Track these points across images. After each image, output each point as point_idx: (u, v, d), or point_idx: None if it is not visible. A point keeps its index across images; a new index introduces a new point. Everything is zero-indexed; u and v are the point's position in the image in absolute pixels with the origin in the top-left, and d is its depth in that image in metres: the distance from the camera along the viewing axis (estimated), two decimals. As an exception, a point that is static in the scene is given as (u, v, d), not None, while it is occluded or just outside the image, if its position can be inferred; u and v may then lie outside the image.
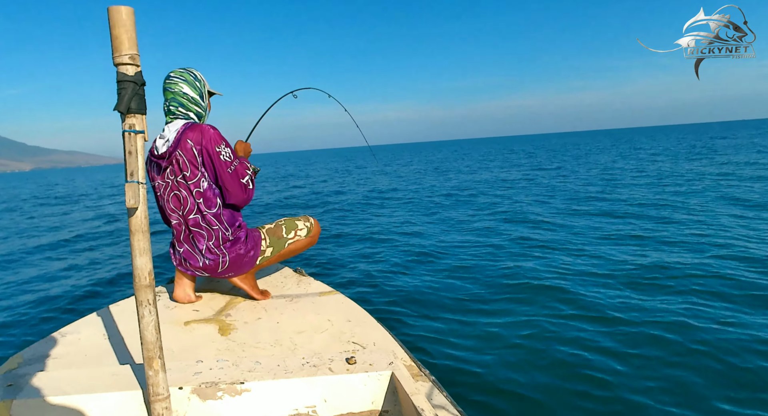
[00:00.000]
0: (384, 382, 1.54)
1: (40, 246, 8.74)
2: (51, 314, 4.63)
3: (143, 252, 1.28)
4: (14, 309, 4.87)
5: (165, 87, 2.28)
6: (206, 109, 2.40)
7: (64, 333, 2.07)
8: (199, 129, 2.20)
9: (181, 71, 2.30)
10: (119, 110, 1.21)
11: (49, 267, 6.82)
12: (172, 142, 2.18)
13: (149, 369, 1.32)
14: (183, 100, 2.27)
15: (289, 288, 2.66)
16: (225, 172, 2.23)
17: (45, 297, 5.26)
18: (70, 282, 5.91)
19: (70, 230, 10.65)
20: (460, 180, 17.46)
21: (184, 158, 2.18)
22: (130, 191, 1.21)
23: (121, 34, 1.18)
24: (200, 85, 2.33)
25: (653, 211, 8.35)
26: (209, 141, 2.18)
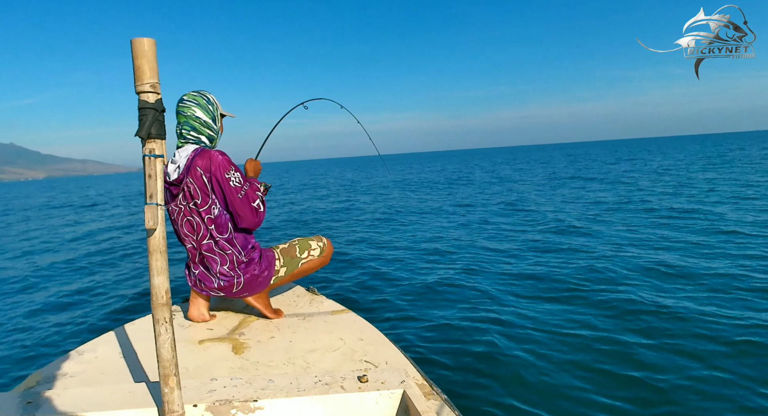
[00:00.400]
0: (396, 400, 1.56)
1: (54, 263, 8.86)
2: (68, 333, 4.69)
3: (161, 271, 1.32)
4: (32, 327, 4.94)
5: (178, 110, 2.30)
6: (218, 131, 2.42)
7: (81, 352, 2.11)
8: (208, 156, 2.21)
9: (194, 95, 2.31)
10: (140, 136, 1.26)
11: (65, 286, 6.91)
12: (183, 169, 2.21)
13: (165, 386, 1.35)
14: (195, 123, 2.29)
15: (302, 307, 2.69)
16: (235, 198, 2.23)
17: (61, 316, 5.33)
18: (86, 300, 5.99)
19: (84, 245, 10.79)
20: (472, 192, 17.43)
21: (195, 185, 2.20)
22: (149, 213, 1.26)
23: (143, 64, 1.24)
24: (213, 109, 2.35)
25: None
26: (218, 168, 2.20)
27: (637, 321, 3.96)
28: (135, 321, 2.53)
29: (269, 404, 1.51)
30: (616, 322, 4.01)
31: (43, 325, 5.00)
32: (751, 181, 14.72)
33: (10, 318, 5.39)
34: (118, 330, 2.39)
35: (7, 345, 4.40)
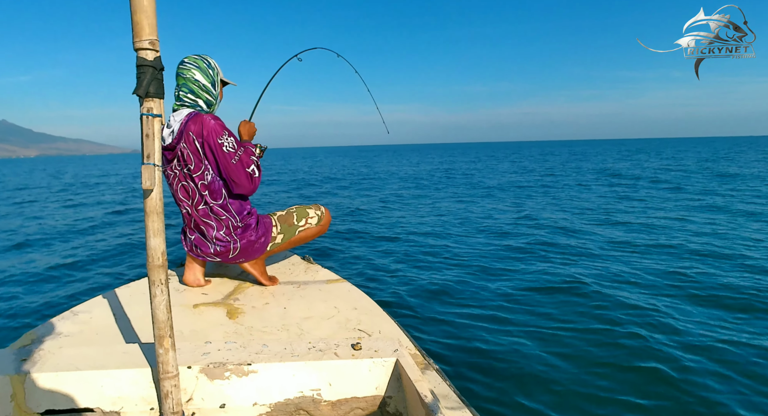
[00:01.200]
0: (388, 369, 1.57)
1: (56, 228, 8.86)
2: (63, 293, 4.71)
3: (157, 233, 1.31)
4: (28, 286, 4.96)
5: (178, 72, 2.26)
6: (217, 97, 2.37)
7: (76, 312, 2.11)
8: (201, 120, 2.15)
9: (195, 57, 2.26)
10: (138, 94, 1.23)
11: (62, 248, 6.92)
12: (176, 133, 2.17)
13: (160, 347, 1.36)
14: (194, 86, 2.24)
15: (297, 275, 2.69)
16: (229, 163, 2.18)
17: (58, 276, 5.34)
18: (83, 262, 6.00)
19: (83, 213, 10.78)
20: (474, 180, 17.42)
21: (188, 151, 2.16)
22: (146, 173, 1.24)
23: (142, 19, 1.20)
24: (213, 73, 2.31)
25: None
26: (210, 133, 2.14)
27: (647, 317, 3.96)
28: (131, 283, 2.53)
29: (263, 368, 1.52)
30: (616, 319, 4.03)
31: (39, 285, 5.02)
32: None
33: (6, 276, 5.40)
34: (114, 291, 2.39)
35: (1, 304, 4.42)
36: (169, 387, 1.38)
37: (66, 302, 4.37)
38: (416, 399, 1.38)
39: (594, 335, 3.41)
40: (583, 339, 3.34)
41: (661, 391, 2.72)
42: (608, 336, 3.39)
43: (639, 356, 3.09)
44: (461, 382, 2.76)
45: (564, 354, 3.14)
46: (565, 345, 3.26)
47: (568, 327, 3.55)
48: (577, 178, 17.17)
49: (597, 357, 3.10)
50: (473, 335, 3.43)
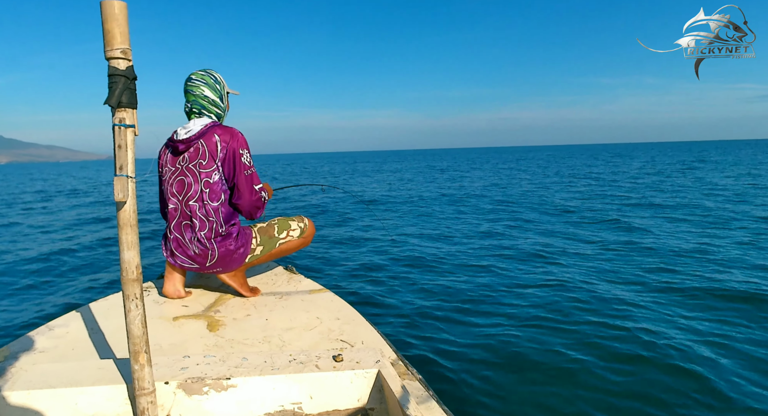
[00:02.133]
0: (370, 380, 1.55)
1: (31, 239, 8.70)
2: (38, 307, 4.61)
3: (131, 246, 1.28)
4: (3, 300, 4.84)
5: (186, 89, 2.35)
6: (225, 109, 2.48)
7: (51, 327, 2.06)
8: (230, 131, 2.30)
9: (202, 74, 2.36)
10: (110, 104, 1.21)
11: (37, 262, 6.78)
12: (196, 132, 2.27)
13: (135, 363, 1.32)
14: (204, 102, 2.34)
15: (279, 285, 2.66)
16: (242, 173, 2.30)
17: (32, 290, 5.23)
18: (59, 274, 5.89)
19: (58, 223, 10.60)
20: (454, 185, 17.50)
21: (206, 148, 2.25)
22: (119, 185, 1.22)
23: (113, 28, 1.18)
24: (220, 88, 2.41)
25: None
26: (237, 142, 2.28)
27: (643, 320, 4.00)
28: (108, 296, 2.48)
29: (242, 382, 1.50)
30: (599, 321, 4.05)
31: (13, 299, 4.91)
32: None
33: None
34: (90, 305, 2.34)
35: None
36: (145, 403, 1.35)
37: (42, 316, 4.27)
38: (398, 411, 1.36)
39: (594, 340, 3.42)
40: (572, 340, 3.35)
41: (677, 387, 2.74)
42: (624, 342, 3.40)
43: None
44: (445, 390, 2.74)
45: (547, 359, 3.14)
46: (550, 347, 3.27)
47: (552, 325, 3.56)
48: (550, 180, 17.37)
49: (600, 364, 3.11)
50: (459, 343, 3.43)
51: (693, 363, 3.04)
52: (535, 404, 2.67)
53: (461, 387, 2.84)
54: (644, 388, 2.79)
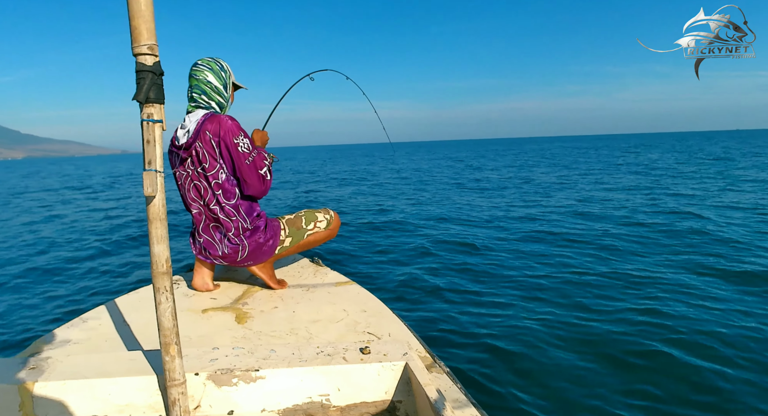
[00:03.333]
0: (398, 373, 1.55)
1: (62, 233, 8.93)
2: (72, 300, 4.73)
3: (161, 239, 1.30)
4: (38, 294, 4.99)
5: (190, 73, 2.30)
6: (228, 100, 2.41)
7: (85, 319, 2.11)
8: (218, 120, 2.20)
9: (208, 60, 2.31)
10: (138, 100, 1.22)
11: (71, 255, 6.96)
12: (192, 133, 2.20)
13: (166, 354, 1.35)
14: (206, 87, 2.28)
15: (306, 277, 2.68)
16: (243, 164, 2.23)
17: (67, 282, 5.38)
18: (92, 268, 6.04)
19: (89, 218, 10.86)
20: (482, 176, 17.37)
21: (204, 150, 2.20)
22: (148, 179, 1.23)
23: (140, 24, 1.19)
24: (225, 76, 2.35)
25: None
26: (227, 132, 2.19)
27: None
28: (139, 289, 2.53)
29: (271, 374, 1.51)
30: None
31: (49, 292, 5.05)
32: None
33: (16, 284, 5.45)
34: (122, 298, 2.39)
35: (12, 312, 4.45)
36: (176, 394, 1.37)
37: (75, 308, 4.39)
38: (426, 404, 1.36)
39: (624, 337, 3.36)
40: (606, 337, 3.30)
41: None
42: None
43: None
44: (473, 384, 2.73)
45: (585, 351, 3.10)
46: (586, 341, 3.22)
47: (590, 323, 3.51)
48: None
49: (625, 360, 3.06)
50: (487, 335, 3.40)
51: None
52: (565, 401, 2.63)
53: (490, 380, 2.82)
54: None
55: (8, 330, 4.00)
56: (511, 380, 2.82)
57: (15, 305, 4.68)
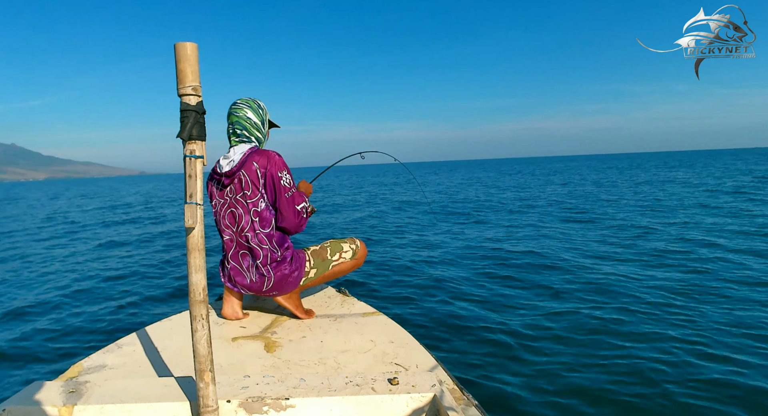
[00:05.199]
0: (426, 404, 1.55)
1: (97, 258, 9.15)
2: (109, 326, 4.84)
3: (199, 269, 1.36)
4: (76, 320, 5.11)
5: (230, 112, 2.42)
6: (266, 135, 2.53)
7: (120, 345, 2.18)
8: (267, 154, 2.33)
9: (246, 99, 2.44)
10: (182, 137, 1.30)
11: (105, 281, 7.13)
12: (237, 162, 2.32)
13: (200, 381, 1.39)
14: (246, 124, 2.40)
15: (333, 308, 2.71)
16: (283, 196, 2.34)
17: (103, 310, 5.50)
18: (126, 295, 6.17)
19: (118, 241, 11.11)
20: (501, 198, 17.25)
21: (248, 178, 2.31)
22: (189, 212, 1.30)
23: (186, 68, 1.28)
24: (263, 113, 2.47)
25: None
26: (274, 166, 2.31)
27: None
28: (172, 317, 2.59)
29: (301, 402, 1.53)
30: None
31: (86, 319, 5.17)
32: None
33: (55, 310, 5.59)
34: (155, 325, 2.46)
35: (52, 337, 4.57)
36: (209, 421, 1.41)
37: (109, 333, 4.49)
38: (454, 436, 1.36)
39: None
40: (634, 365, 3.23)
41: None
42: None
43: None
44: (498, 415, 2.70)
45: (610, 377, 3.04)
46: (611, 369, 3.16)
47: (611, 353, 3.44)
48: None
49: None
50: (518, 371, 3.36)
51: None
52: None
53: (519, 414, 2.78)
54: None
55: (48, 354, 4.11)
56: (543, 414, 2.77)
57: (54, 329, 4.80)
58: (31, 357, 4.13)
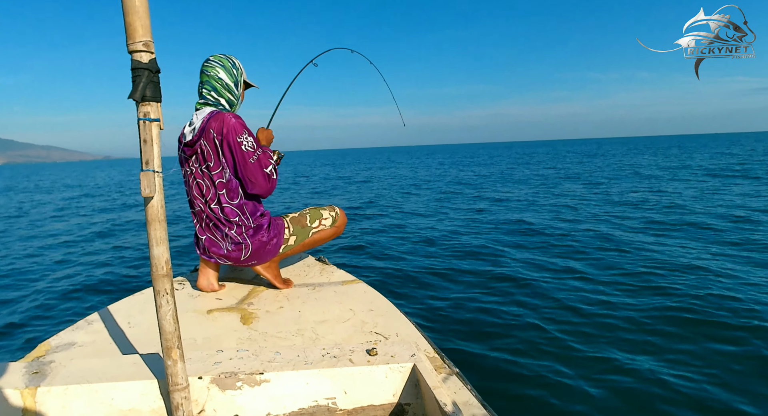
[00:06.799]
0: (406, 374, 1.51)
1: (66, 233, 8.97)
2: (77, 302, 4.73)
3: (160, 241, 1.27)
4: (43, 296, 5.00)
5: (201, 69, 2.29)
6: (239, 98, 2.38)
7: (90, 321, 2.09)
8: (222, 118, 2.16)
9: (220, 57, 2.29)
10: (134, 98, 1.19)
11: (73, 257, 6.98)
12: (197, 130, 2.18)
13: (168, 359, 1.32)
14: (217, 84, 2.26)
15: (312, 277, 2.65)
16: (247, 162, 2.18)
17: (72, 285, 5.39)
18: (95, 270, 6.05)
19: (90, 220, 10.90)
20: (472, 175, 17.28)
21: (209, 148, 2.17)
22: (145, 180, 1.20)
23: (135, 20, 1.16)
24: (237, 73, 2.32)
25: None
26: (230, 131, 2.15)
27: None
28: (144, 291, 2.51)
29: (275, 377, 1.48)
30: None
31: (54, 294, 5.06)
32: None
33: (21, 288, 5.46)
34: (127, 300, 2.37)
35: (17, 315, 4.46)
36: (179, 399, 1.34)
37: (80, 311, 4.39)
38: (435, 406, 1.32)
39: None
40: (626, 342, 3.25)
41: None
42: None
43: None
44: (484, 386, 2.69)
45: (594, 356, 3.05)
46: (600, 346, 3.18)
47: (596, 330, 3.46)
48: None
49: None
50: (497, 336, 3.36)
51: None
52: (583, 401, 2.58)
53: (500, 381, 2.78)
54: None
55: (13, 333, 4.01)
56: (524, 383, 2.77)
57: (19, 308, 4.68)
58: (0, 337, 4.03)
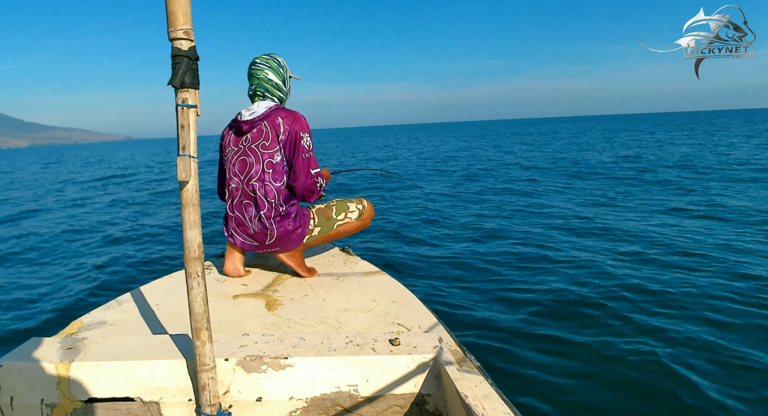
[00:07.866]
0: (427, 365, 1.52)
1: (98, 215, 9.18)
2: (110, 282, 4.86)
3: (193, 225, 1.30)
4: (76, 276, 5.15)
5: (251, 72, 2.39)
6: (287, 93, 2.51)
7: (121, 301, 2.16)
8: (294, 115, 2.34)
9: (266, 58, 2.40)
10: (173, 85, 1.22)
11: (108, 239, 7.15)
12: (260, 114, 2.31)
13: (197, 339, 1.36)
14: (268, 85, 2.38)
15: (336, 266, 2.68)
16: (300, 156, 2.33)
17: (104, 266, 5.53)
18: (128, 252, 6.19)
19: (123, 202, 11.13)
20: (497, 160, 17.09)
21: (269, 129, 2.30)
22: (182, 164, 1.23)
23: (176, 9, 1.19)
24: (283, 71, 2.44)
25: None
26: (299, 125, 2.32)
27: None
28: (173, 274, 2.57)
29: (299, 362, 1.51)
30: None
31: (87, 275, 5.20)
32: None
33: (55, 267, 5.63)
34: (156, 282, 2.44)
35: (52, 293, 4.60)
36: (206, 379, 1.38)
37: (111, 292, 4.51)
38: (456, 398, 1.33)
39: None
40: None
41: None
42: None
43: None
44: (503, 379, 2.69)
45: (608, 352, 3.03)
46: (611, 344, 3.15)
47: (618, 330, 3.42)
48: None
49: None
50: (519, 332, 3.35)
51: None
52: (602, 405, 2.57)
53: (521, 377, 2.77)
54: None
55: (47, 310, 4.14)
56: (544, 379, 2.76)
57: (55, 285, 4.83)
58: (38, 312, 4.17)
